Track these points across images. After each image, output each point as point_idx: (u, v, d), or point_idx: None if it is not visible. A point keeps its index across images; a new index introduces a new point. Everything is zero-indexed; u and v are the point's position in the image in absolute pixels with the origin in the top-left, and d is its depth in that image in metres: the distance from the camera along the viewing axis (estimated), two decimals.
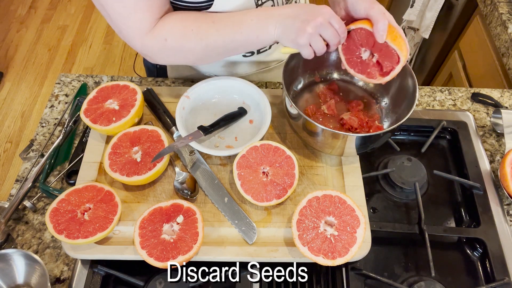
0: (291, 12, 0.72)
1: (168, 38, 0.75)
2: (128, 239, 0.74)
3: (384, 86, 0.89)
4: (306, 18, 0.70)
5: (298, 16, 0.71)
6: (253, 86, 0.90)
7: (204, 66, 1.00)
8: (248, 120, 0.90)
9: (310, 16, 0.70)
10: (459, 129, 0.96)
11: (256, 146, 0.80)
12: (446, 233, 0.82)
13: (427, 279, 0.76)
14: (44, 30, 2.69)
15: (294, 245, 0.71)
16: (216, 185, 0.81)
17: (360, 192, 0.81)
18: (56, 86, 1.03)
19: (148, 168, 0.78)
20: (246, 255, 0.73)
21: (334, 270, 0.77)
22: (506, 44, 1.21)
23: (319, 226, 0.72)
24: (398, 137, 0.98)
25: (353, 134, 0.75)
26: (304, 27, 0.70)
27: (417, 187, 0.86)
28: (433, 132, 0.95)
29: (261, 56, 0.98)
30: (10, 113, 2.29)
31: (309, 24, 0.70)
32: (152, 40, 0.75)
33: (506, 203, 0.87)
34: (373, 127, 0.85)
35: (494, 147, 0.96)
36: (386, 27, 0.71)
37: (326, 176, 0.83)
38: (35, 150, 0.91)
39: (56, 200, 0.74)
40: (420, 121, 0.97)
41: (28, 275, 0.73)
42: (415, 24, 1.70)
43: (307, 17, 0.70)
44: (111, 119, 0.83)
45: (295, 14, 0.72)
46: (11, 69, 2.49)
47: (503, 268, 0.78)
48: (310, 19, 0.70)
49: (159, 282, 0.73)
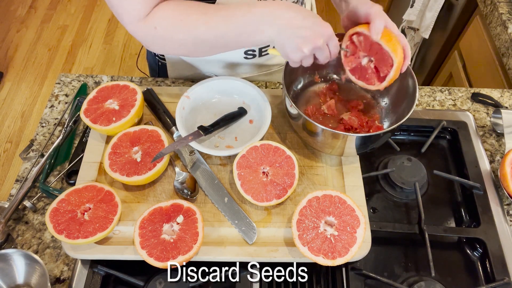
0: (292, 20, 0.67)
1: (157, 26, 0.72)
2: (128, 239, 0.74)
3: None
4: (306, 36, 0.67)
5: (298, 29, 0.67)
6: (253, 86, 0.90)
7: (205, 66, 1.00)
8: (248, 120, 0.90)
9: (311, 35, 0.67)
10: (459, 129, 0.96)
11: (256, 146, 0.80)
12: (446, 233, 0.82)
13: (427, 279, 0.76)
14: (44, 30, 2.69)
15: (294, 245, 0.71)
16: (216, 185, 0.81)
17: (360, 192, 0.81)
18: (56, 86, 1.03)
19: (148, 168, 0.78)
20: (246, 255, 0.73)
21: (334, 270, 0.77)
22: (506, 44, 1.21)
23: (319, 226, 0.72)
24: (398, 137, 0.98)
25: (353, 134, 0.75)
26: (301, 46, 0.68)
27: (417, 187, 0.86)
28: (433, 132, 0.95)
29: (262, 59, 0.98)
30: (10, 113, 2.29)
31: (306, 45, 0.67)
32: (144, 27, 0.72)
33: (506, 203, 0.87)
34: (373, 127, 0.85)
35: (494, 147, 0.96)
36: (382, 26, 0.70)
37: (326, 176, 0.83)
38: (35, 150, 0.91)
39: (56, 200, 0.74)
40: (420, 121, 0.97)
41: (28, 275, 0.73)
42: (415, 24, 1.70)
43: (307, 34, 0.67)
44: (111, 119, 0.83)
45: (297, 25, 0.67)
46: (11, 69, 2.49)
47: (503, 268, 0.78)
48: (309, 39, 0.67)
49: (159, 282, 0.73)
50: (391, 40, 0.71)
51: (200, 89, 0.90)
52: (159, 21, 0.71)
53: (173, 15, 0.71)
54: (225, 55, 0.95)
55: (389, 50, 0.71)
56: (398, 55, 0.72)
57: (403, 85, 0.84)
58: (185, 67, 1.02)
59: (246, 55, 0.95)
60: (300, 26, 0.67)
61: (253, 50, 0.95)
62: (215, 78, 0.91)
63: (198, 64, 1.00)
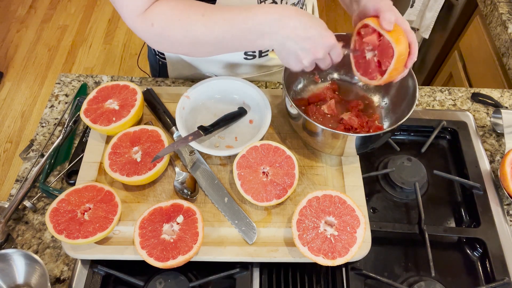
0: (295, 30, 0.65)
1: (154, 23, 0.70)
2: (128, 239, 0.74)
3: (384, 87, 0.89)
4: (307, 47, 0.66)
5: (301, 41, 0.66)
6: (253, 86, 0.90)
7: (205, 66, 1.00)
8: (248, 120, 0.90)
9: (312, 47, 0.66)
10: (459, 129, 0.96)
11: (256, 146, 0.80)
12: (446, 233, 0.82)
13: (427, 279, 0.76)
14: (44, 30, 2.69)
15: (294, 245, 0.71)
16: (216, 185, 0.81)
17: (360, 192, 0.81)
18: (56, 86, 1.03)
19: (148, 168, 0.78)
20: (246, 255, 0.73)
21: (334, 270, 0.77)
22: (506, 44, 1.21)
23: (319, 226, 0.72)
24: (398, 137, 0.98)
25: (353, 134, 0.75)
26: (301, 58, 0.67)
27: (417, 187, 0.86)
28: (433, 132, 0.95)
29: (262, 59, 0.98)
30: (10, 113, 2.29)
31: (307, 57, 0.67)
32: (141, 23, 0.70)
33: (506, 203, 0.87)
34: (373, 127, 0.85)
35: (494, 147, 0.96)
36: (393, 17, 0.67)
37: (326, 176, 0.83)
38: (35, 150, 0.91)
39: (56, 200, 0.74)
40: (420, 121, 0.97)
41: (28, 275, 0.73)
42: (415, 24, 1.70)
43: (309, 47, 0.66)
44: (111, 119, 0.83)
45: (299, 37, 0.66)
46: (11, 69, 2.49)
47: (503, 268, 0.78)
48: (311, 51, 0.66)
49: (159, 282, 0.73)
50: (395, 31, 0.69)
51: (200, 89, 0.90)
52: (156, 17, 0.69)
53: (171, 13, 0.69)
54: (225, 56, 0.95)
55: (390, 40, 0.68)
56: (400, 46, 0.69)
57: (403, 85, 0.84)
58: (185, 66, 1.02)
59: (246, 56, 0.95)
60: (303, 37, 0.66)
61: (253, 52, 0.95)
62: (215, 78, 0.91)
63: (198, 64, 1.00)
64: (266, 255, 0.73)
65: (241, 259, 0.73)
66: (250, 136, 0.85)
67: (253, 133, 0.85)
